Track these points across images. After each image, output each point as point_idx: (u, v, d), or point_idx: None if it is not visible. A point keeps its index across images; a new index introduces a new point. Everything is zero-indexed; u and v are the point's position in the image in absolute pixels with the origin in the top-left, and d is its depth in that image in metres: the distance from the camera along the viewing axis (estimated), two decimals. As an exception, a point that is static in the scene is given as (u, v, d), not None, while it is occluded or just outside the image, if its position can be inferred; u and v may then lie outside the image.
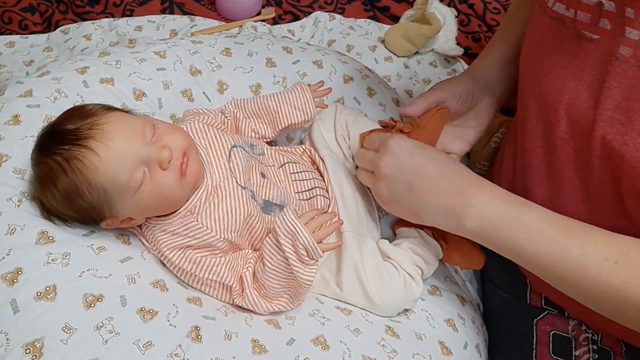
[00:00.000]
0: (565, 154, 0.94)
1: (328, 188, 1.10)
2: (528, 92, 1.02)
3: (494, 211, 0.90)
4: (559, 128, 0.93)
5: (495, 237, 0.91)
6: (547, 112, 0.95)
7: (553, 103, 0.94)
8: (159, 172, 0.90)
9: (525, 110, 1.03)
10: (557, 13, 0.93)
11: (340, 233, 1.05)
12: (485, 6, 1.84)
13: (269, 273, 0.93)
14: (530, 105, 1.01)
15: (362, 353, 0.93)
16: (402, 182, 0.96)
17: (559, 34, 0.93)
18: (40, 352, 0.77)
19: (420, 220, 1.00)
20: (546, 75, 0.95)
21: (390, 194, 0.99)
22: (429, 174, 0.95)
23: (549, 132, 0.96)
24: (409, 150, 0.97)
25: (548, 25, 0.96)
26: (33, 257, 0.85)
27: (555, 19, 0.94)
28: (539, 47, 0.99)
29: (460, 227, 0.94)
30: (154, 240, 0.95)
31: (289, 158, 1.12)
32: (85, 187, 0.86)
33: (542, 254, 0.86)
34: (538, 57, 0.99)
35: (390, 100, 1.33)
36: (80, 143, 0.86)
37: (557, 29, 0.94)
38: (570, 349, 1.10)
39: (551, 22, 0.95)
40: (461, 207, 0.92)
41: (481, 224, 0.91)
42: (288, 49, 1.33)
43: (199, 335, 0.85)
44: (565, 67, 0.91)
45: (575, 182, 0.94)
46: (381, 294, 1.02)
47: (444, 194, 0.94)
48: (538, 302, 1.16)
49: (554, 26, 0.94)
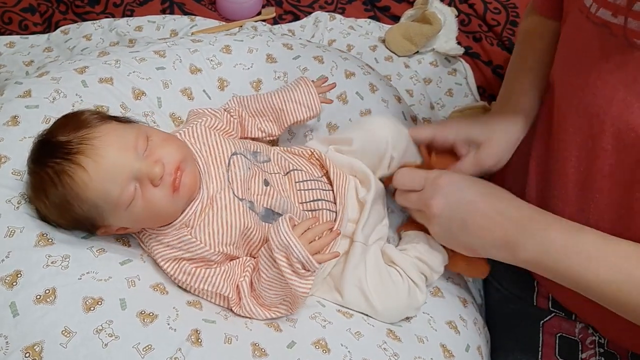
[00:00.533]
0: (607, 166, 0.92)
1: (337, 198, 1.07)
2: (566, 102, 1.00)
3: (549, 241, 0.89)
4: (602, 139, 0.91)
5: (553, 266, 0.90)
6: (590, 122, 0.93)
7: (598, 113, 0.91)
8: (150, 189, 0.88)
9: (562, 120, 1.01)
10: (602, 19, 0.90)
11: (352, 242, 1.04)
12: (485, 6, 1.83)
13: (264, 284, 0.93)
14: (570, 115, 0.98)
15: (363, 356, 0.93)
16: (456, 220, 0.96)
17: (605, 42, 0.90)
18: (40, 355, 0.76)
19: (476, 254, 0.99)
20: (591, 85, 0.92)
21: (443, 232, 0.99)
22: (481, 210, 0.94)
23: (590, 142, 0.94)
24: (460, 188, 0.96)
25: (592, 32, 0.92)
26: (32, 260, 0.85)
27: (600, 26, 0.90)
28: (581, 55, 0.96)
29: (516, 259, 0.93)
30: (150, 249, 0.95)
31: (296, 164, 1.09)
32: (76, 201, 0.86)
33: (604, 282, 0.85)
34: (580, 65, 0.96)
35: (392, 97, 1.32)
36: (70, 158, 0.84)
37: (602, 36, 0.90)
38: (576, 351, 1.10)
39: (595, 29, 0.91)
40: (516, 239, 0.92)
41: (537, 255, 0.90)
42: (288, 45, 1.32)
43: (199, 339, 0.84)
44: (613, 76, 0.88)
45: (613, 196, 0.93)
46: (383, 301, 1.01)
47: (497, 228, 0.93)
48: (545, 305, 1.16)
49: (599, 33, 0.91)
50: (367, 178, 1.09)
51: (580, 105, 0.95)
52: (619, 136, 0.89)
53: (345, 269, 1.02)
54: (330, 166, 1.11)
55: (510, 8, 1.83)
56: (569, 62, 1.00)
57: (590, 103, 0.93)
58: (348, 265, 1.02)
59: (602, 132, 0.91)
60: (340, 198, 1.07)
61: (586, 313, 1.11)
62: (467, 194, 0.95)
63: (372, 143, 1.11)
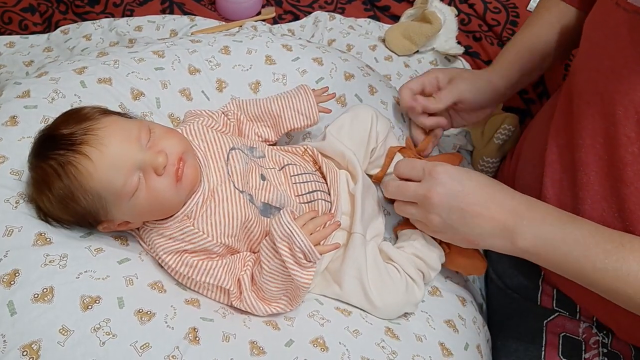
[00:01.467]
0: (629, 154, 0.93)
1: (330, 190, 1.09)
2: (591, 88, 1.00)
3: (547, 229, 0.91)
4: (626, 126, 0.92)
5: (551, 254, 0.91)
6: (614, 108, 0.94)
7: (623, 99, 0.92)
8: (154, 178, 0.89)
9: (584, 106, 1.01)
10: (633, 6, 0.90)
11: (351, 234, 1.05)
12: (485, 6, 1.83)
13: (266, 276, 0.93)
14: (593, 101, 0.99)
15: (362, 354, 0.93)
16: (456, 209, 0.96)
17: (635, 28, 0.90)
18: (38, 354, 0.77)
19: (476, 245, 1.00)
20: (617, 72, 0.93)
21: (443, 223, 0.98)
22: (479, 199, 0.95)
23: (613, 130, 0.94)
24: (458, 178, 0.96)
25: (622, 18, 0.93)
26: (30, 259, 0.85)
27: (631, 13, 0.91)
28: (609, 41, 0.96)
29: (515, 247, 0.94)
30: (151, 243, 0.95)
31: (290, 159, 1.10)
32: (80, 192, 0.86)
33: (600, 270, 0.86)
34: (607, 52, 0.96)
35: (392, 99, 1.32)
36: (74, 148, 0.85)
37: (633, 22, 0.91)
38: (580, 351, 1.10)
39: (626, 16, 0.92)
40: (514, 227, 0.93)
41: (535, 242, 0.91)
42: (287, 46, 1.32)
43: (196, 337, 0.84)
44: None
45: (637, 183, 0.93)
46: (382, 296, 1.01)
47: (496, 217, 0.94)
48: (549, 304, 1.16)
49: (629, 19, 0.91)
50: (355, 169, 1.11)
51: (604, 91, 0.96)
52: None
53: (344, 260, 1.02)
54: (323, 161, 1.12)
55: (510, 8, 1.83)
56: (595, 47, 1.01)
57: (614, 89, 0.93)
58: (347, 257, 1.02)
59: (626, 118, 0.92)
60: (334, 189, 1.08)
61: (591, 304, 1.11)
62: (465, 184, 0.96)
63: (359, 119, 1.16)
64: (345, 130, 1.15)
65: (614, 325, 1.10)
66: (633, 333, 1.08)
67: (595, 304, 1.09)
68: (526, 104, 1.64)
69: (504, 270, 1.24)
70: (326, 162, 1.12)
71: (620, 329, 1.10)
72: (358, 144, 1.15)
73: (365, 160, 1.17)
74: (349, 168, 1.13)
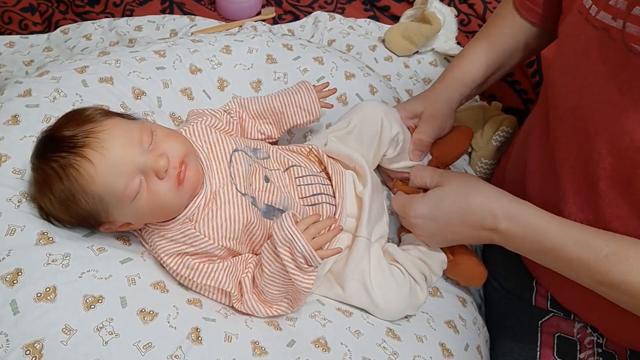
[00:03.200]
0: (601, 169, 0.93)
1: (335, 192, 1.08)
2: (563, 103, 1.00)
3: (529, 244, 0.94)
4: (597, 142, 0.92)
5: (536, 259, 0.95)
6: (585, 124, 0.94)
7: (593, 116, 0.92)
8: (155, 181, 0.89)
9: (558, 120, 1.01)
10: (603, 23, 0.89)
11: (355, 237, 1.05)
12: (485, 6, 1.83)
13: (267, 279, 0.93)
14: (566, 116, 0.99)
15: (363, 355, 0.93)
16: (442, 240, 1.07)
17: (604, 46, 0.89)
18: (40, 353, 0.77)
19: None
20: (587, 88, 0.92)
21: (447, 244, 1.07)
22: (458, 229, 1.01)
23: (586, 145, 0.94)
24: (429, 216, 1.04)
25: (592, 35, 0.92)
26: (33, 258, 0.85)
27: (600, 29, 0.89)
28: (580, 57, 0.95)
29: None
30: (153, 244, 0.95)
31: (295, 160, 1.10)
32: (81, 195, 0.86)
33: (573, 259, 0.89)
34: (578, 68, 0.95)
35: (392, 99, 1.33)
36: (76, 151, 0.85)
37: (602, 40, 0.89)
38: (574, 351, 1.11)
39: (595, 32, 0.91)
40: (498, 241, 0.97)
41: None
42: (288, 45, 1.32)
43: (199, 337, 0.84)
44: (610, 81, 0.88)
45: (611, 195, 0.93)
46: (385, 297, 1.01)
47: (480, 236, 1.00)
48: (544, 304, 1.16)
49: (599, 37, 0.90)
50: (364, 171, 1.10)
51: (576, 107, 0.95)
52: (613, 140, 0.89)
53: (347, 263, 1.02)
54: (328, 162, 1.11)
55: (510, 8, 1.83)
56: (567, 63, 1.00)
57: (586, 106, 0.93)
58: (351, 260, 1.02)
59: (596, 134, 0.91)
60: (340, 192, 1.08)
61: (585, 311, 1.11)
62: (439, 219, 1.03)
63: (367, 122, 1.13)
64: (353, 135, 1.14)
65: (604, 329, 1.11)
66: (623, 336, 1.08)
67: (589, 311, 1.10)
68: (525, 105, 1.64)
69: (499, 271, 1.24)
70: (332, 162, 1.12)
71: (610, 333, 1.10)
72: (367, 147, 1.14)
73: (376, 161, 1.17)
74: (356, 169, 1.13)
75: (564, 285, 0.94)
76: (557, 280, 0.96)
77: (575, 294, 0.94)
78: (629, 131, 0.86)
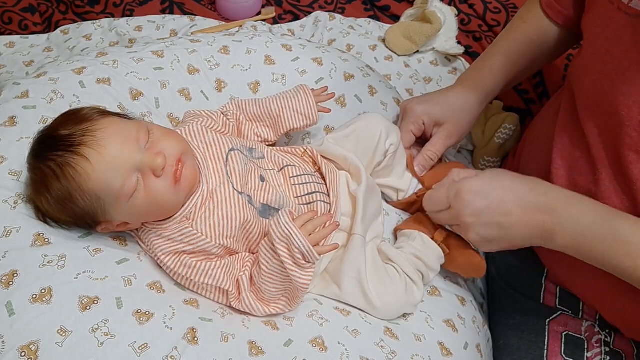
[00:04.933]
0: (633, 153, 0.94)
1: (330, 191, 1.09)
2: (594, 90, 1.01)
3: (585, 227, 0.91)
4: (629, 126, 0.93)
5: (589, 252, 0.91)
6: (617, 109, 0.94)
7: (626, 100, 0.93)
8: (152, 179, 0.89)
9: (590, 107, 1.02)
10: (636, 10, 0.91)
11: (350, 235, 1.04)
12: (485, 6, 1.83)
13: (265, 277, 0.93)
14: (597, 103, 1.00)
15: (361, 354, 0.93)
16: (492, 225, 0.97)
17: (638, 31, 0.91)
18: (36, 355, 0.77)
19: (520, 247, 1.01)
20: (621, 74, 0.94)
21: (483, 239, 0.99)
22: (510, 208, 0.95)
23: (618, 129, 0.95)
24: (482, 192, 0.97)
25: (624, 22, 0.94)
26: (29, 260, 0.85)
27: (632, 16, 0.92)
28: (612, 44, 0.97)
29: (555, 244, 0.94)
30: (150, 244, 0.95)
31: (289, 160, 1.10)
32: (78, 193, 0.86)
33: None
34: (611, 54, 0.97)
35: (392, 100, 1.32)
36: (73, 150, 0.85)
37: (635, 26, 0.92)
38: (582, 350, 1.11)
39: (628, 19, 0.93)
40: (552, 228, 0.93)
41: (573, 241, 0.92)
42: (287, 46, 1.32)
43: (195, 337, 0.84)
44: None
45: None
46: (381, 297, 1.01)
47: (534, 221, 0.94)
48: (552, 302, 1.16)
49: (632, 23, 0.92)
50: (359, 172, 1.10)
51: (610, 92, 0.96)
52: None
53: (343, 261, 1.02)
54: (322, 163, 1.11)
55: (510, 8, 1.83)
56: (598, 51, 1.01)
57: (619, 91, 0.94)
58: (347, 258, 1.02)
59: (629, 119, 0.93)
60: (334, 190, 1.08)
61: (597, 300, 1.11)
62: (492, 197, 0.96)
63: (367, 131, 1.14)
64: (351, 139, 1.14)
65: (620, 322, 1.10)
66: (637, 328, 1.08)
67: (602, 301, 1.10)
68: (526, 104, 1.64)
69: (506, 268, 1.24)
70: (326, 163, 1.12)
71: (627, 326, 1.10)
72: (362, 155, 1.14)
73: (369, 170, 1.16)
74: (351, 170, 1.13)
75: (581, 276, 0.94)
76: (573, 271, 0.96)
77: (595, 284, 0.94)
78: None
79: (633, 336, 1.11)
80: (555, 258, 1.10)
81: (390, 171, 1.19)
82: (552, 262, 1.16)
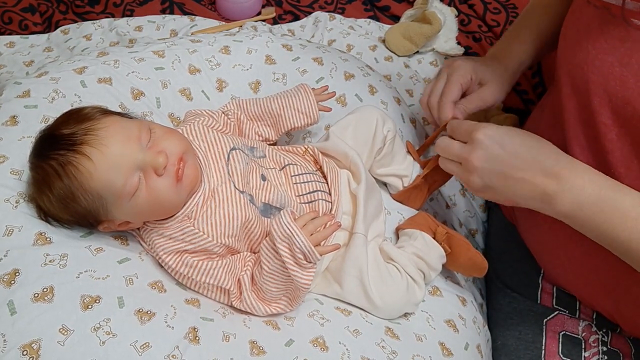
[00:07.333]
0: (608, 141, 0.95)
1: (331, 190, 1.09)
2: (570, 80, 1.02)
3: (585, 196, 0.91)
4: (602, 114, 0.94)
5: (587, 221, 0.92)
6: (589, 99, 0.96)
7: (596, 90, 0.94)
8: (154, 178, 0.89)
9: (566, 99, 1.03)
10: (603, 2, 0.93)
11: (352, 234, 1.04)
12: (485, 6, 1.83)
13: (266, 276, 0.93)
14: (572, 93, 1.01)
15: (362, 354, 0.93)
16: (497, 173, 0.96)
17: (605, 22, 0.94)
18: (37, 353, 0.77)
19: (515, 204, 1.00)
20: (589, 63, 0.95)
21: (484, 185, 0.98)
22: (521, 163, 0.94)
23: (592, 119, 0.96)
24: (499, 141, 0.96)
25: (593, 14, 0.96)
26: (30, 259, 0.85)
27: (600, 8, 0.94)
28: (582, 35, 0.99)
29: (553, 210, 0.94)
30: (151, 243, 0.95)
31: (291, 159, 1.10)
32: (80, 192, 0.86)
33: (635, 240, 0.87)
34: (580, 45, 0.98)
35: (392, 99, 1.33)
36: (75, 149, 0.86)
37: (602, 17, 0.94)
38: (579, 350, 1.11)
39: (596, 12, 0.95)
40: (554, 193, 0.92)
41: (572, 208, 0.92)
42: (288, 46, 1.32)
43: (196, 337, 0.84)
44: (611, 54, 0.92)
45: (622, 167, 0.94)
46: (383, 296, 1.01)
47: (537, 181, 0.93)
48: (549, 302, 1.16)
49: (600, 15, 0.95)
50: (358, 170, 1.10)
51: (581, 83, 0.97)
52: (618, 111, 0.92)
53: (345, 259, 1.02)
54: (324, 161, 1.12)
55: (510, 8, 1.83)
56: (571, 42, 1.03)
57: (590, 80, 0.95)
58: (348, 257, 1.02)
59: (601, 106, 0.94)
60: (335, 189, 1.08)
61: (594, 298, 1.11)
62: (508, 146, 0.95)
63: (363, 121, 1.16)
64: (349, 131, 1.15)
65: (618, 317, 1.10)
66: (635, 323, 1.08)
67: (599, 298, 1.10)
68: (526, 105, 1.64)
69: (504, 269, 1.24)
70: (327, 161, 1.12)
71: (625, 322, 1.10)
72: (362, 144, 1.15)
73: (369, 160, 1.17)
74: (351, 168, 1.13)
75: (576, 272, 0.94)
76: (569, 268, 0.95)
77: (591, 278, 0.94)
78: (631, 100, 0.89)
79: (631, 330, 1.11)
80: (551, 257, 1.10)
81: (392, 159, 1.20)
82: (548, 261, 1.16)
